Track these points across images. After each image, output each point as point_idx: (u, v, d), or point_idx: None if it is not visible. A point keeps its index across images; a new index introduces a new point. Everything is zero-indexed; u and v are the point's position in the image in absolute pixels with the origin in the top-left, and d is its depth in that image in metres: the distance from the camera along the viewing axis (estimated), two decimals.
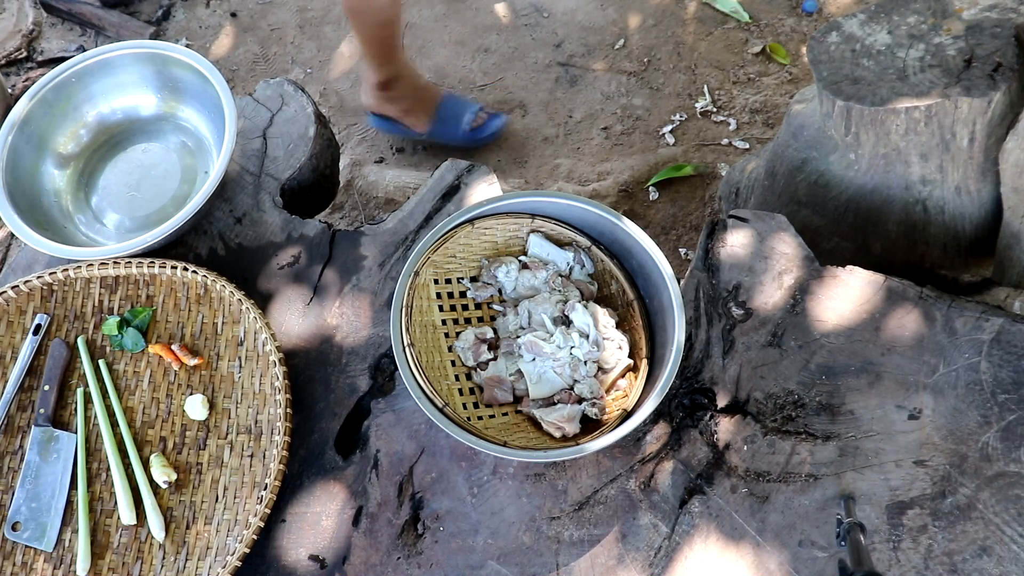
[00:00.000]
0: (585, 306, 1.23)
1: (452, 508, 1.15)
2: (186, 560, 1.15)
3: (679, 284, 1.18)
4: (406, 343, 1.13)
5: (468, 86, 2.28)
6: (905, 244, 1.47)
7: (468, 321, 1.27)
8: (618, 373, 1.20)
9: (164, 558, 1.16)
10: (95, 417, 1.24)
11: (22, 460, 1.22)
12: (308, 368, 1.27)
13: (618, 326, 1.23)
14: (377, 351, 1.27)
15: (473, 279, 1.29)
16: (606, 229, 1.25)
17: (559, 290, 1.26)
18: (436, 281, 1.26)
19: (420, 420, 1.21)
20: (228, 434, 1.22)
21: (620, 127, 2.21)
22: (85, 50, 2.00)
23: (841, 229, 1.51)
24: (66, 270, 1.30)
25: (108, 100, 1.46)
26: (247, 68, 2.40)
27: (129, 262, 1.29)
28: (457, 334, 1.24)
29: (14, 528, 1.18)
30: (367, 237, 1.36)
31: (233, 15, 2.50)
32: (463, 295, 1.28)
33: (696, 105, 2.22)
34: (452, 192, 1.39)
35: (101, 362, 1.27)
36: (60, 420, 1.24)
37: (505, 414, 1.20)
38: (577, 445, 1.08)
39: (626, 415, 1.11)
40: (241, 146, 1.45)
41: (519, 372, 1.20)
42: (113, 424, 1.23)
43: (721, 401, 1.18)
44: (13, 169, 1.36)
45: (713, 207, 2.01)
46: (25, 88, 2.31)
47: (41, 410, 1.23)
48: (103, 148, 1.47)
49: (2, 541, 1.18)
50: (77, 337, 1.29)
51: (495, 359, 1.22)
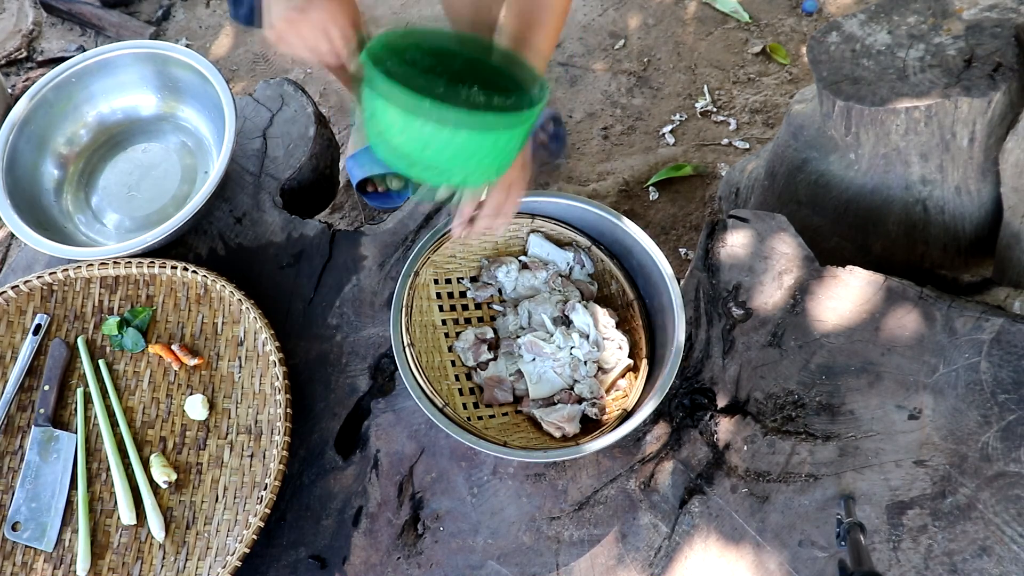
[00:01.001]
0: (585, 306, 1.23)
1: (452, 508, 1.15)
2: (186, 560, 1.15)
3: (679, 284, 1.18)
4: (406, 343, 1.13)
5: None
6: (905, 244, 1.47)
7: (468, 321, 1.27)
8: (618, 373, 1.20)
9: (164, 558, 1.16)
10: (95, 417, 1.24)
11: (22, 460, 1.22)
12: (308, 368, 1.27)
13: (618, 326, 1.23)
14: (377, 351, 1.27)
15: (473, 279, 1.29)
16: (606, 229, 1.25)
17: (559, 290, 1.26)
18: (436, 281, 1.26)
19: (420, 420, 1.21)
20: (228, 434, 1.22)
21: (620, 127, 2.21)
22: (85, 50, 2.00)
23: (841, 229, 1.51)
24: (66, 270, 1.30)
25: (108, 100, 1.46)
26: (247, 68, 2.40)
27: (129, 262, 1.29)
28: (457, 334, 1.24)
29: (14, 528, 1.18)
30: (367, 237, 1.36)
31: None
32: (463, 295, 1.28)
33: (696, 105, 2.21)
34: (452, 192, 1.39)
35: (101, 362, 1.27)
36: (60, 420, 1.24)
37: (505, 414, 1.20)
38: (577, 445, 1.08)
39: (626, 415, 1.11)
40: (241, 146, 1.45)
41: (519, 372, 1.20)
42: (113, 424, 1.23)
43: (721, 401, 1.18)
44: (13, 169, 1.36)
45: (713, 207, 2.01)
46: (25, 88, 2.31)
47: (41, 410, 1.23)
48: (103, 148, 1.47)
49: (2, 541, 1.18)
50: (77, 337, 1.29)
51: (495, 359, 1.22)
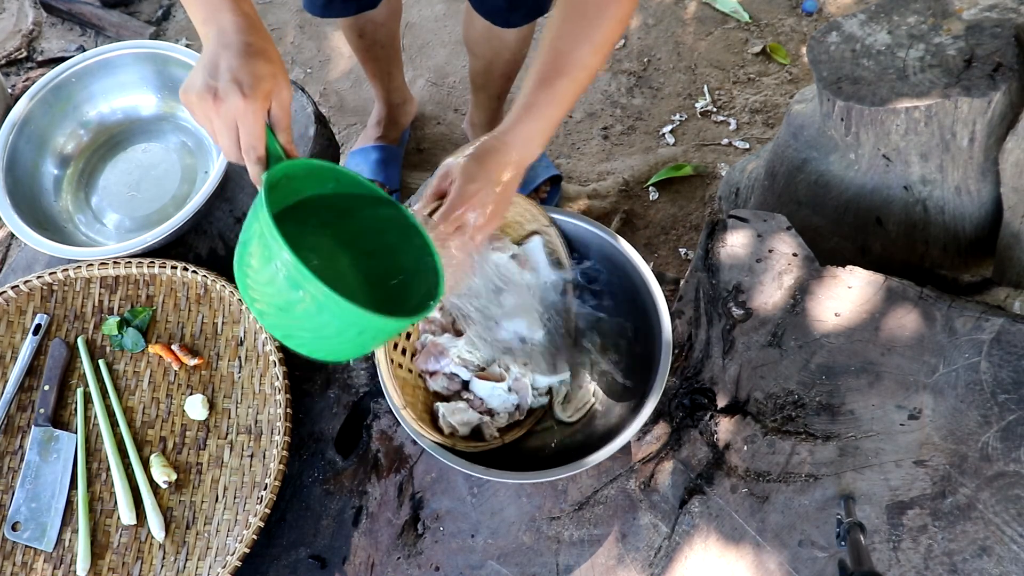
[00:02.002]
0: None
1: (452, 508, 1.15)
2: (186, 560, 1.15)
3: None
4: (390, 381, 1.09)
5: (468, 86, 2.28)
6: (905, 244, 1.47)
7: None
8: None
9: (164, 558, 1.16)
10: (95, 417, 1.24)
11: (22, 460, 1.22)
12: (308, 368, 1.26)
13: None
14: None
15: None
16: (592, 243, 1.21)
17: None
18: None
19: None
20: (228, 434, 1.22)
21: (620, 127, 2.21)
22: (85, 50, 2.00)
23: (841, 229, 1.51)
24: (66, 270, 1.30)
25: (108, 100, 1.46)
26: None
27: (129, 262, 1.29)
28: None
29: (14, 528, 1.18)
30: None
31: None
32: None
33: (696, 105, 2.22)
34: None
35: (101, 362, 1.27)
36: (60, 420, 1.24)
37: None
38: (579, 460, 1.04)
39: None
40: None
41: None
42: (113, 424, 1.23)
43: (721, 401, 1.18)
44: (13, 169, 1.36)
45: (713, 207, 2.01)
46: (25, 88, 2.31)
47: (41, 410, 1.23)
48: (103, 148, 1.47)
49: (2, 541, 1.18)
50: (77, 337, 1.29)
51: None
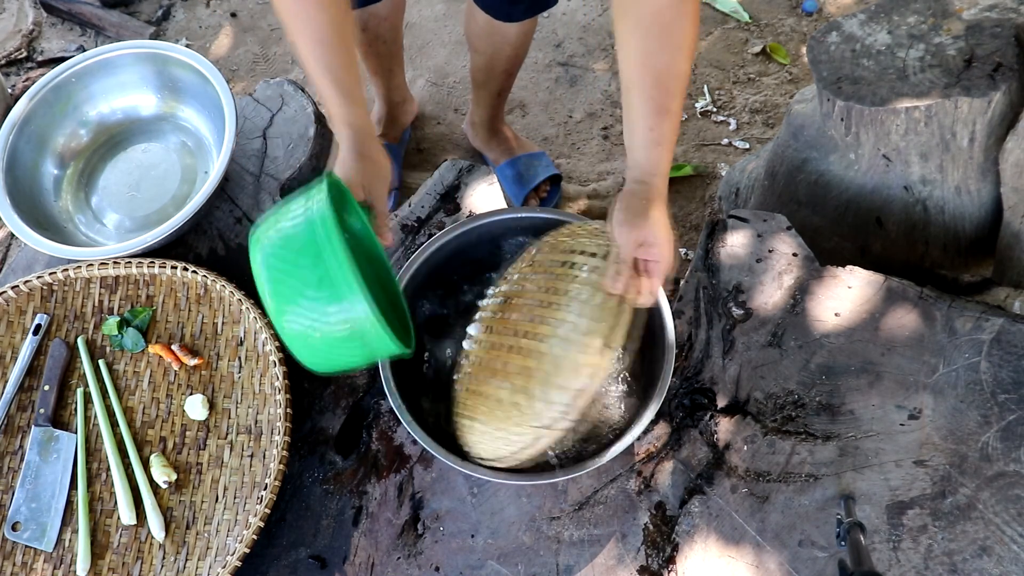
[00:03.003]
0: None
1: (452, 508, 1.15)
2: (186, 560, 1.15)
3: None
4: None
5: (468, 86, 2.28)
6: (905, 244, 1.47)
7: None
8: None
9: (164, 558, 1.16)
10: (95, 417, 1.24)
11: (22, 460, 1.22)
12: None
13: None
14: None
15: None
16: None
17: None
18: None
19: None
20: (228, 434, 1.22)
21: (620, 127, 2.21)
22: (85, 50, 2.00)
23: (841, 229, 1.51)
24: (66, 270, 1.30)
25: (108, 100, 1.46)
26: (247, 68, 2.40)
27: (129, 262, 1.29)
28: None
29: (14, 528, 1.18)
30: None
31: (233, 15, 2.50)
32: None
33: (696, 105, 2.21)
34: (452, 192, 1.39)
35: (101, 362, 1.27)
36: (60, 420, 1.24)
37: None
38: (579, 463, 1.05)
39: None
40: (241, 146, 1.45)
41: None
42: (113, 424, 1.23)
43: (721, 401, 1.18)
44: (13, 169, 1.36)
45: (713, 207, 2.01)
46: (25, 88, 2.31)
47: (41, 410, 1.23)
48: (103, 148, 1.47)
49: (2, 541, 1.18)
50: (77, 337, 1.29)
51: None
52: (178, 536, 1.17)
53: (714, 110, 2.21)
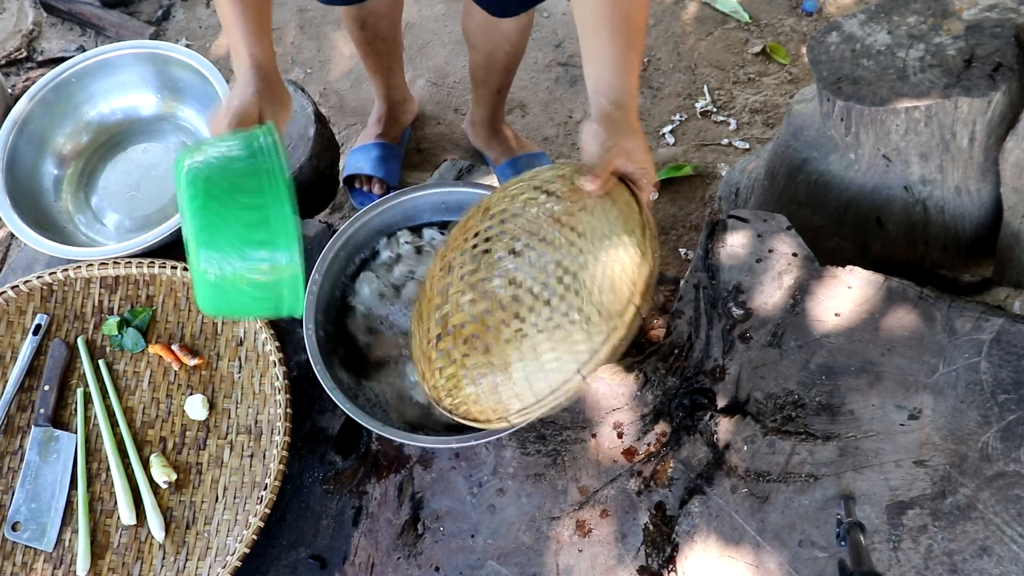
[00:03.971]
0: None
1: (452, 508, 1.15)
2: (186, 560, 1.15)
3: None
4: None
5: (468, 86, 2.28)
6: (905, 244, 1.47)
7: None
8: None
9: (164, 558, 1.16)
10: (95, 417, 1.24)
11: (22, 460, 1.22)
12: (308, 368, 1.26)
13: None
14: None
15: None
16: None
17: None
18: None
19: None
20: (228, 434, 1.22)
21: None
22: (85, 50, 2.00)
23: (841, 229, 1.51)
24: (66, 270, 1.30)
25: (108, 100, 1.46)
26: None
27: (129, 262, 1.29)
28: None
29: (14, 528, 1.18)
30: None
31: None
32: None
33: (696, 105, 2.22)
34: None
35: (101, 362, 1.27)
36: (60, 420, 1.24)
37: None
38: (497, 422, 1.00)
39: None
40: None
41: None
42: (113, 424, 1.23)
43: (721, 401, 1.18)
44: (13, 169, 1.36)
45: (713, 207, 2.01)
46: (25, 88, 2.31)
47: (41, 410, 1.23)
48: (103, 148, 1.47)
49: (2, 541, 1.18)
50: (77, 337, 1.29)
51: None
52: (178, 536, 1.17)
53: (714, 110, 2.21)
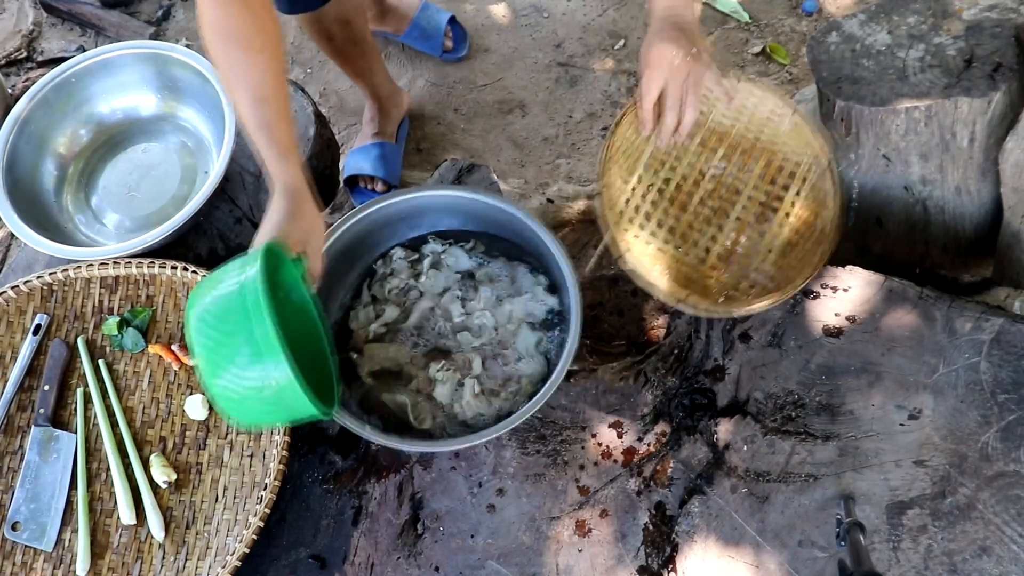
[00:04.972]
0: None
1: (452, 508, 1.15)
2: (186, 560, 1.15)
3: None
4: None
5: (468, 86, 2.28)
6: (905, 244, 1.46)
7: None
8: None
9: (164, 558, 1.16)
10: (95, 417, 1.24)
11: (22, 460, 1.22)
12: None
13: None
14: None
15: None
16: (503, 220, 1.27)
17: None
18: None
19: None
20: (228, 434, 1.22)
21: None
22: (85, 50, 2.00)
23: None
24: (66, 270, 1.30)
25: (108, 100, 1.46)
26: None
27: (129, 262, 1.29)
28: None
29: (14, 528, 1.18)
30: None
31: None
32: None
33: None
34: None
35: (101, 362, 1.27)
36: (60, 420, 1.24)
37: None
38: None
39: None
40: (241, 146, 1.45)
41: None
42: (113, 424, 1.23)
43: (721, 401, 1.18)
44: (13, 169, 1.36)
45: None
46: (25, 88, 2.30)
47: (41, 410, 1.23)
48: (103, 148, 1.47)
49: (2, 541, 1.18)
50: (77, 337, 1.29)
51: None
52: (178, 536, 1.17)
53: None
